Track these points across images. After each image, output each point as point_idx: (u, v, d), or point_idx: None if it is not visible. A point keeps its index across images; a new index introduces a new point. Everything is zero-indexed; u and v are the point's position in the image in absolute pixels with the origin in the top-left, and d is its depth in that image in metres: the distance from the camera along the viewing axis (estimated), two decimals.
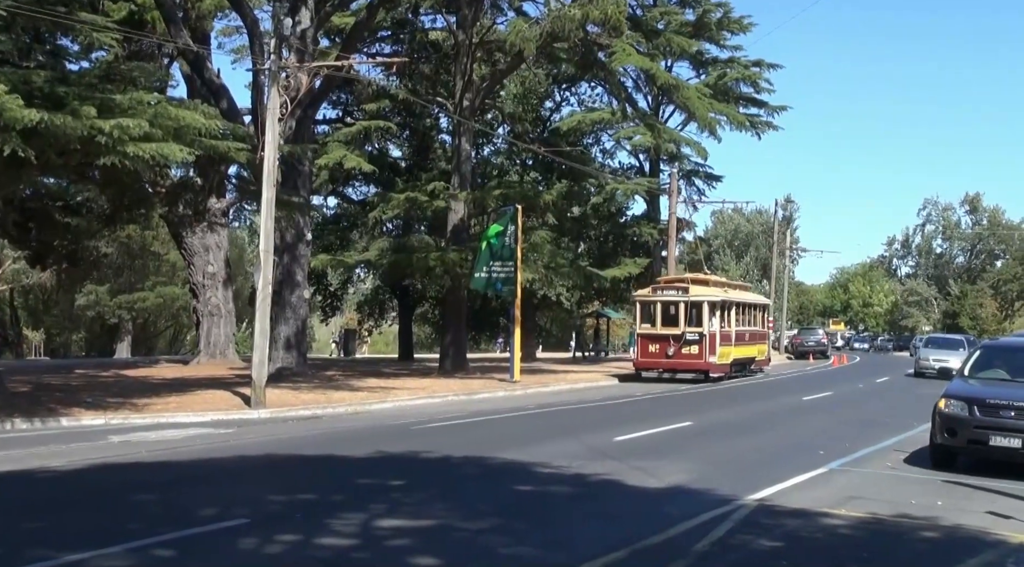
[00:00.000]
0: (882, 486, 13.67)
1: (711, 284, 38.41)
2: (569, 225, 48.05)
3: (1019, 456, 14.45)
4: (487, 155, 50.86)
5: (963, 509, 12.07)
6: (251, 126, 30.78)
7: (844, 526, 10.87)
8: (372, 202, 42.36)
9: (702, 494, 12.42)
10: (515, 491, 12.51)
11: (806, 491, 12.93)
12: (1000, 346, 18.80)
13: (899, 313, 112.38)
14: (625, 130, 46.99)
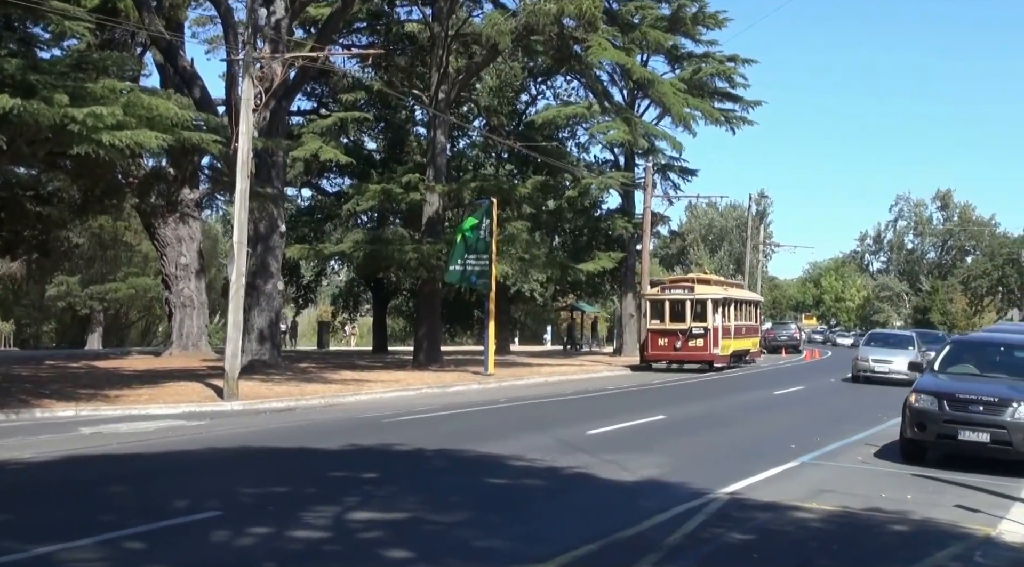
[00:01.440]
0: (853, 480, 13.78)
1: (712, 283, 41.64)
2: (544, 218, 48.03)
3: (988, 450, 14.60)
4: (462, 148, 50.77)
5: (933, 503, 12.18)
6: (225, 117, 30.61)
7: (815, 519, 10.95)
8: (347, 194, 42.20)
9: (674, 487, 12.47)
10: (488, 484, 12.51)
11: (777, 485, 13.01)
12: (970, 341, 18.98)
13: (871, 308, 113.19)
14: (600, 125, 46.99)
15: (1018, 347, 17.23)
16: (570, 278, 45.25)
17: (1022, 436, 14.28)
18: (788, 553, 9.34)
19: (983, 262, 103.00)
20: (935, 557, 9.39)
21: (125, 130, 18.56)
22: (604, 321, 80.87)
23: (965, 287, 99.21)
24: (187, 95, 29.43)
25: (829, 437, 18.40)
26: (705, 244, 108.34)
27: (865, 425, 20.73)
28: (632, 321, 49.70)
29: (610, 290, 57.52)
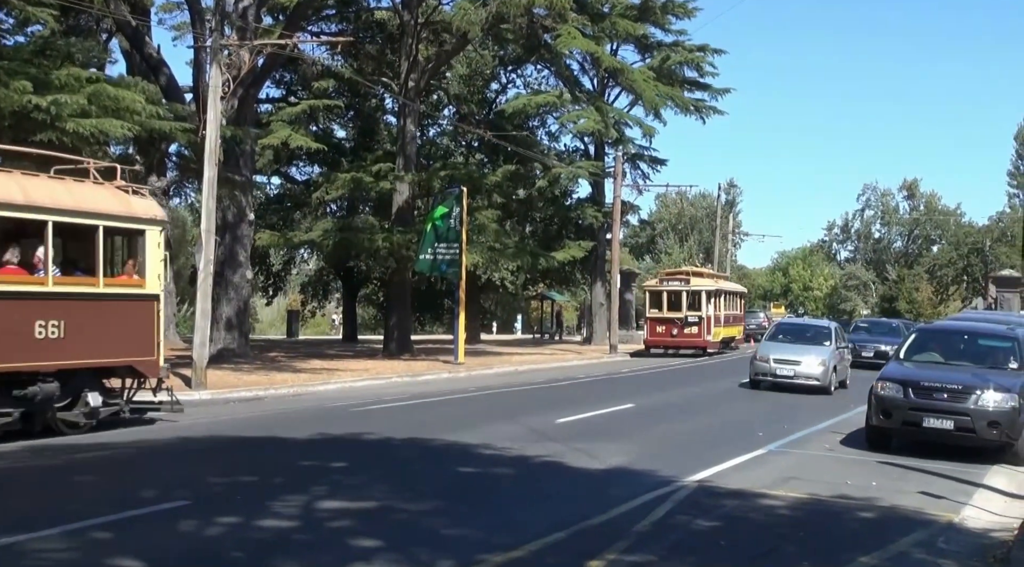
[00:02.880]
0: (819, 467, 13.91)
1: (705, 276, 45.41)
2: (514, 207, 47.99)
3: (951, 437, 14.79)
4: (432, 136, 50.61)
5: (898, 489, 12.32)
6: (192, 104, 30.37)
7: (782, 506, 11.05)
8: (316, 182, 41.99)
9: (643, 476, 12.54)
10: (458, 473, 12.53)
11: (745, 472, 13.11)
12: (934, 330, 19.20)
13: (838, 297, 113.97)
14: (571, 114, 46.93)
15: (982, 335, 17.45)
16: (541, 267, 45.27)
17: (985, 423, 14.47)
18: (756, 540, 9.41)
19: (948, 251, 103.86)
20: (900, 543, 9.50)
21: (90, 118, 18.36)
22: (574, 310, 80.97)
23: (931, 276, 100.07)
24: (154, 82, 29.14)
25: (796, 425, 18.55)
26: (675, 233, 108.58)
27: (832, 413, 20.92)
28: (602, 310, 49.80)
29: (581, 279, 57.60)
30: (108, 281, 15.06)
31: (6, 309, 13.34)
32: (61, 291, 14.18)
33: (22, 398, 13.76)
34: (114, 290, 15.11)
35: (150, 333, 15.59)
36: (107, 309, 14.89)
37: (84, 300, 14.49)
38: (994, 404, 14.53)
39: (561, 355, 40.36)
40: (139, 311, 15.45)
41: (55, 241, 14.25)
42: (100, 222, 14.68)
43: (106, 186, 15.42)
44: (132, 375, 15.89)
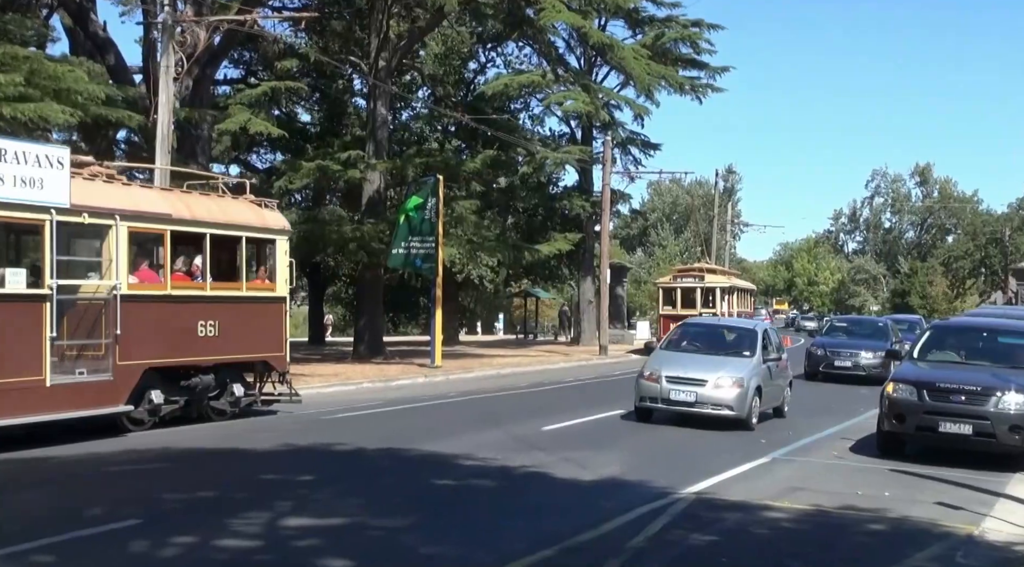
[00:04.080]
0: (826, 476, 13.94)
1: (718, 273, 48.19)
2: (495, 197, 47.97)
3: (970, 443, 14.83)
4: (405, 120, 50.47)
5: (911, 500, 12.35)
6: (143, 86, 30.20)
7: (786, 519, 11.06)
8: (279, 170, 41.79)
9: (636, 487, 12.54)
10: (435, 485, 12.50)
11: (746, 483, 13.12)
12: (951, 326, 19.29)
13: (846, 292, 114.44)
14: (556, 95, 46.94)
15: (1002, 332, 17.51)
16: (524, 261, 45.25)
17: (1006, 428, 14.51)
18: (758, 556, 9.42)
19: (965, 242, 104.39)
20: (914, 558, 9.52)
21: (29, 102, 18.22)
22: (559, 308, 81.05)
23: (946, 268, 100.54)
24: (100, 63, 28.97)
25: (802, 430, 18.60)
26: (669, 223, 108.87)
27: (841, 417, 21.00)
28: (591, 307, 49.88)
29: (567, 275, 57.65)
30: (248, 285, 18.54)
31: (178, 311, 16.88)
32: (216, 295, 17.72)
33: (187, 388, 17.26)
34: (253, 293, 18.62)
35: (280, 331, 19.23)
36: (248, 310, 18.47)
37: (232, 303, 18.08)
38: (1016, 407, 14.58)
39: (546, 357, 40.38)
40: (271, 312, 19.09)
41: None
42: (243, 233, 18.28)
43: (241, 200, 18.98)
44: (264, 369, 19.28)
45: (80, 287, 15.53)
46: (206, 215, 17.53)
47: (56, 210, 14.64)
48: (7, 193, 13.99)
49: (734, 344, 20.21)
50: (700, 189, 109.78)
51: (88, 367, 15.39)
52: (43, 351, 14.47)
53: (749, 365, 18.88)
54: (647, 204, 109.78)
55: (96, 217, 15.40)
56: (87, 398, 15.27)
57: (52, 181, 14.56)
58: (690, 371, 18.41)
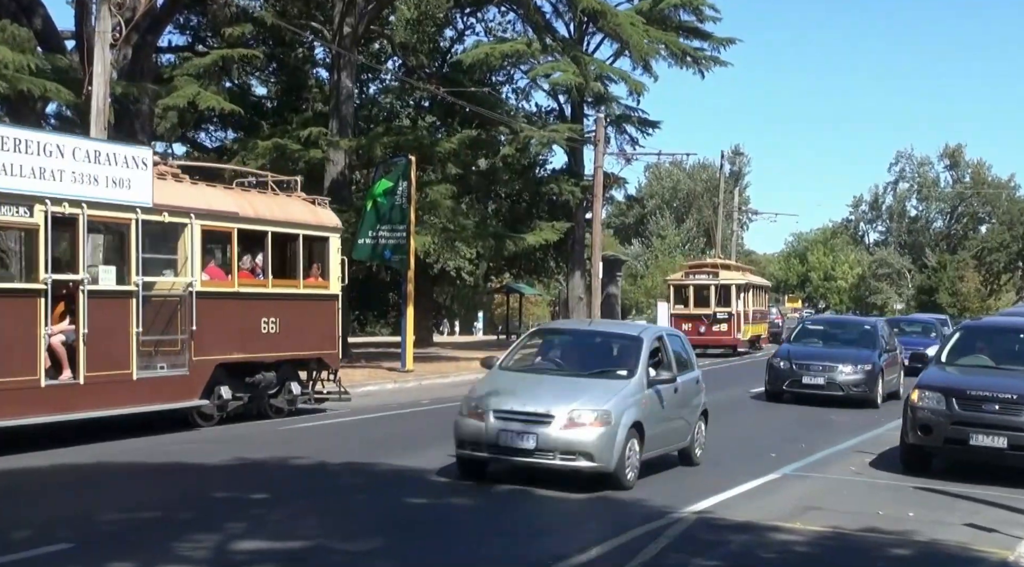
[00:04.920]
0: (844, 494, 13.98)
1: (732, 268, 49.57)
2: (474, 181, 47.88)
3: (1005, 457, 14.86)
4: (373, 94, 50.40)
5: (939, 521, 12.40)
6: (75, 54, 30.04)
7: (799, 542, 11.09)
8: (231, 150, 41.71)
9: (631, 505, 12.56)
10: (405, 504, 12.50)
11: (755, 501, 13.16)
12: (983, 327, 19.34)
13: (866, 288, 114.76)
14: (543, 66, 46.88)
15: None
16: (506, 252, 45.23)
17: None
18: None
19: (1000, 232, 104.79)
20: None
21: None
22: (547, 306, 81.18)
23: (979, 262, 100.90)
24: (26, 26, 28.79)
25: (817, 443, 18.65)
26: (670, 211, 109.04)
27: (860, 428, 21.07)
28: (581, 304, 49.88)
29: (555, 268, 57.69)
30: (303, 283, 20.59)
31: (244, 308, 18.95)
32: (277, 292, 19.90)
33: (251, 385, 19.39)
34: (309, 291, 20.71)
35: (333, 329, 21.45)
36: (305, 308, 20.59)
37: (291, 300, 20.24)
38: None
39: None
40: (325, 309, 21.18)
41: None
42: (300, 231, 20.50)
43: (294, 198, 21.38)
44: (319, 367, 21.33)
45: (157, 284, 17.65)
46: (268, 213, 19.88)
47: (141, 209, 16.93)
48: (101, 193, 16.31)
49: (607, 359, 15.22)
50: (704, 173, 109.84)
51: (167, 362, 17.61)
52: (130, 346, 16.69)
53: (623, 391, 13.90)
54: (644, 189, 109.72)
55: (175, 216, 17.66)
56: (167, 392, 17.56)
57: (137, 181, 16.85)
58: (531, 402, 13.47)
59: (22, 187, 15.21)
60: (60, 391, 15.83)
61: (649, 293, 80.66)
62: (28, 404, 15.30)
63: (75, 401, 16.00)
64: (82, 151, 16.21)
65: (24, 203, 15.28)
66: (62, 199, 15.70)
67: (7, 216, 15.24)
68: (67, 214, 15.86)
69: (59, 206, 15.66)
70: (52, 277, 15.53)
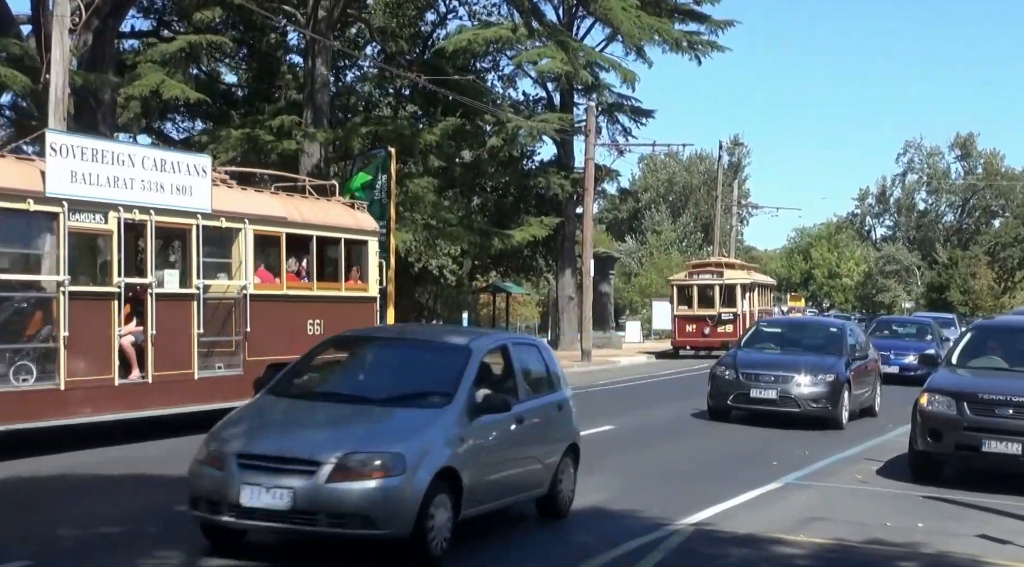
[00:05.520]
0: (849, 504, 14.00)
1: (737, 267, 50.53)
2: (458, 174, 47.97)
3: (1020, 465, 14.88)
4: (350, 82, 50.38)
5: (949, 532, 12.42)
6: (31, 39, 29.95)
7: (802, 555, 11.10)
8: (199, 142, 41.64)
9: (624, 517, 12.55)
10: None
11: (755, 512, 13.16)
12: (996, 327, 19.38)
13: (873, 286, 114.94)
14: (530, 52, 46.94)
15: None
16: (492, 250, 45.25)
17: None
18: None
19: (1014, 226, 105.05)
20: None
21: None
22: (536, 307, 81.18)
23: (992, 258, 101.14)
24: None
25: (820, 451, 18.67)
26: (665, 205, 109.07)
27: (866, 435, 21.12)
28: (572, 304, 49.93)
29: (544, 266, 57.71)
30: (345, 285, 22.21)
31: (292, 310, 20.57)
32: (321, 295, 21.44)
33: None
34: (350, 293, 22.29)
35: None
36: (346, 310, 21.76)
37: (334, 302, 21.67)
38: None
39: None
40: (365, 311, 22.62)
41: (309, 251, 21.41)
42: (342, 235, 22.14)
43: (333, 202, 23.22)
44: None
45: (212, 286, 19.19)
46: (313, 218, 21.53)
47: (201, 215, 18.66)
48: (166, 200, 18.08)
49: (418, 380, 11.52)
50: (701, 165, 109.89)
51: (223, 362, 19.29)
52: (192, 346, 18.49)
53: (429, 426, 10.56)
54: (638, 182, 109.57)
55: (231, 221, 19.42)
56: (224, 391, 18.94)
57: (198, 188, 18.65)
58: (289, 442, 10.21)
59: (99, 195, 16.95)
60: (132, 390, 17.63)
61: (644, 292, 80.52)
62: (104, 401, 17.11)
63: (144, 399, 17.86)
64: (150, 160, 18.03)
65: (100, 210, 17.04)
66: (133, 206, 17.50)
67: (85, 223, 16.89)
68: (137, 220, 17.68)
69: (130, 213, 17.44)
70: (125, 281, 17.35)
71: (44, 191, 16.12)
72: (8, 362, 15.84)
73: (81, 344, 16.52)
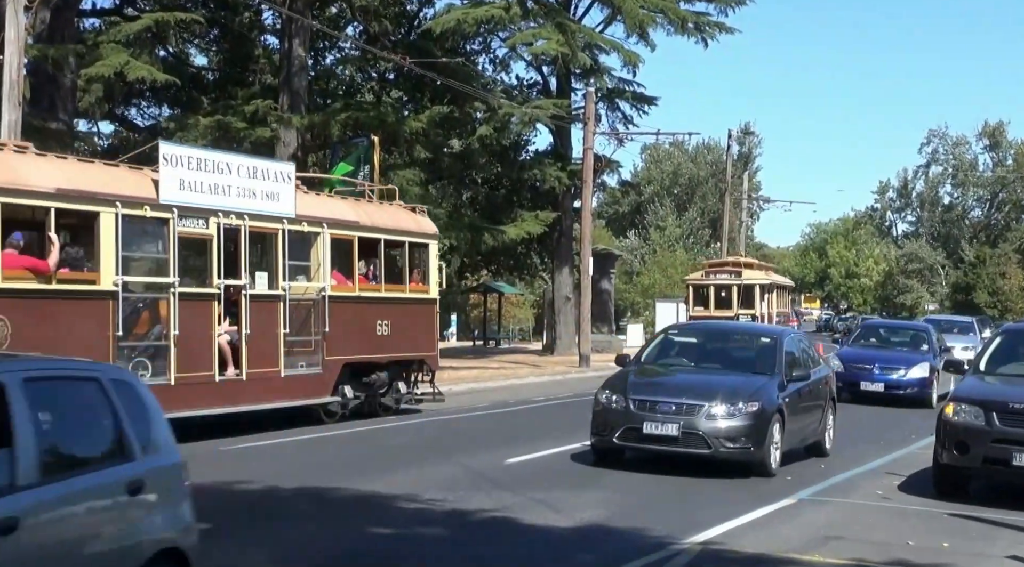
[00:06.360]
0: (869, 522, 14.01)
1: (755, 267, 51.72)
2: (446, 164, 47.98)
3: None
4: (330, 65, 50.38)
5: (978, 553, 12.44)
6: None
7: None
8: (166, 128, 41.62)
9: (626, 535, 12.56)
10: (369, 535, 12.52)
11: (766, 530, 13.17)
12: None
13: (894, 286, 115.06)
14: (524, 33, 46.93)
15: None
16: (484, 247, 45.26)
17: None
18: None
19: None
20: None
21: None
22: (530, 308, 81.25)
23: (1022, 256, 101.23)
24: None
25: (837, 464, 18.69)
26: (670, 199, 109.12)
27: (888, 446, 21.15)
28: (569, 306, 49.97)
29: (540, 264, 57.76)
30: (409, 287, 24.85)
31: (364, 311, 23.10)
32: (389, 296, 24.13)
33: (367, 384, 23.57)
34: (414, 295, 24.94)
35: (433, 332, 25.92)
36: (410, 311, 24.71)
37: (399, 304, 24.41)
38: None
39: (512, 370, 40.45)
40: (427, 313, 25.40)
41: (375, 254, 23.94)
42: (407, 238, 24.98)
43: (395, 206, 25.90)
44: (419, 369, 25.40)
45: (293, 288, 21.43)
46: (381, 222, 24.20)
47: (287, 220, 21.22)
48: (258, 206, 20.56)
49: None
50: (708, 155, 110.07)
51: (304, 361, 21.69)
52: (279, 346, 20.93)
53: None
54: (641, 174, 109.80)
55: (312, 225, 22.00)
56: (306, 389, 21.69)
57: (284, 194, 21.16)
58: None
59: (202, 202, 19.32)
60: (229, 386, 20.03)
61: (646, 292, 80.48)
62: (206, 396, 19.41)
63: (240, 395, 20.26)
64: (244, 168, 20.50)
65: (203, 216, 19.37)
66: (229, 212, 19.86)
67: (190, 228, 19.16)
68: (232, 225, 19.98)
69: (228, 218, 19.79)
70: (224, 282, 19.80)
71: (158, 198, 18.45)
72: (127, 358, 17.79)
73: (187, 342, 18.84)
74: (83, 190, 17.47)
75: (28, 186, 16.74)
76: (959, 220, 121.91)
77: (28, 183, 16.75)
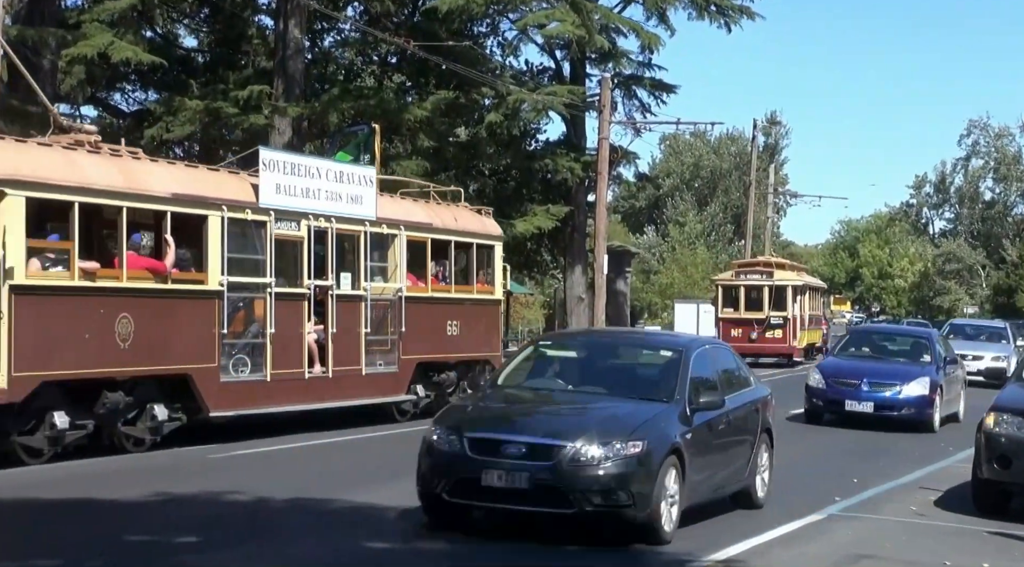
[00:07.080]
0: (903, 540, 14.00)
1: (787, 268, 52.97)
2: (452, 155, 47.94)
3: None
4: (328, 48, 50.34)
5: None
6: None
7: None
8: (153, 114, 41.66)
9: (646, 554, 12.56)
10: (366, 551, 12.58)
11: (794, 547, 13.18)
12: None
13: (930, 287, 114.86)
14: (536, 14, 46.82)
15: None
16: None
17: None
18: None
19: None
20: None
21: None
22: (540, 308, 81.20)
23: None
24: None
25: (871, 477, 18.66)
26: (690, 193, 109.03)
27: (923, 460, 21.11)
28: (582, 306, 49.91)
29: (551, 262, 57.72)
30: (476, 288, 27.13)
31: (435, 311, 25.39)
32: (458, 297, 26.46)
33: (436, 383, 25.66)
34: (480, 296, 27.26)
35: (497, 333, 28.40)
36: (477, 312, 26.96)
37: (467, 304, 26.69)
38: None
39: None
40: (492, 314, 27.92)
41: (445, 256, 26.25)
42: (474, 240, 27.09)
43: (461, 207, 28.09)
44: (483, 369, 26.86)
45: (372, 288, 23.59)
46: (451, 224, 26.33)
47: (368, 222, 23.49)
48: (343, 209, 22.91)
49: None
50: (732, 147, 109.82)
51: (383, 360, 23.88)
52: (361, 344, 23.22)
53: None
54: (659, 166, 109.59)
55: (390, 228, 24.28)
56: (383, 387, 23.94)
57: (367, 197, 23.51)
58: None
59: (295, 205, 21.60)
60: (317, 383, 22.19)
61: (665, 293, 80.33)
62: (297, 393, 21.65)
63: (327, 392, 22.47)
64: (332, 172, 22.89)
65: (295, 219, 21.63)
66: (319, 214, 22.15)
67: (284, 230, 21.39)
68: (321, 227, 22.21)
69: (317, 221, 22.09)
70: (314, 283, 22.03)
71: (257, 202, 20.72)
72: (228, 354, 20.09)
73: (282, 340, 21.04)
74: (194, 195, 19.67)
75: (149, 191, 19.00)
76: (1001, 217, 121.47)
77: (148, 188, 19.02)
